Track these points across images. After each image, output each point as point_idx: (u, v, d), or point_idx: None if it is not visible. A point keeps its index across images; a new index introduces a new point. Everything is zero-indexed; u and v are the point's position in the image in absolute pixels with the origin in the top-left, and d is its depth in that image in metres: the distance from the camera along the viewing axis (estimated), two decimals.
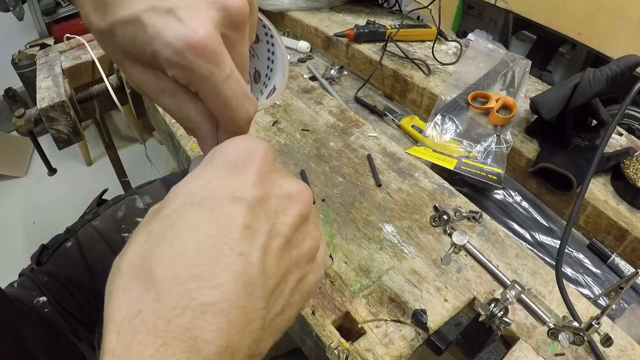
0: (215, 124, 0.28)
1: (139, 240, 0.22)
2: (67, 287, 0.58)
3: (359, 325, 0.45)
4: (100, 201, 0.71)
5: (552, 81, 1.36)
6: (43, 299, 0.56)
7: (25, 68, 1.93)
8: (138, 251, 0.21)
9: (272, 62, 0.34)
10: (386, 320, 0.46)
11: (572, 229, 0.65)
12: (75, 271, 0.60)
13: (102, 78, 0.95)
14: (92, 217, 0.66)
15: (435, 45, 0.96)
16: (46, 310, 0.55)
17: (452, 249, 0.43)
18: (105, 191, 0.76)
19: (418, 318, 0.46)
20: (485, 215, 0.59)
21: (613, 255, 0.62)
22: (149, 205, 0.70)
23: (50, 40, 1.97)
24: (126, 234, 0.66)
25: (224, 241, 0.21)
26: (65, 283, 0.58)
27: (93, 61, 0.97)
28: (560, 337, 0.38)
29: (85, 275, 0.60)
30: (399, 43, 0.95)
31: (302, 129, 0.73)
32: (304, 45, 1.08)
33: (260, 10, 1.40)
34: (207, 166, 0.24)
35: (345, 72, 1.02)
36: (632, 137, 0.76)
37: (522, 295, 0.41)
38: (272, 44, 0.34)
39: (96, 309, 0.58)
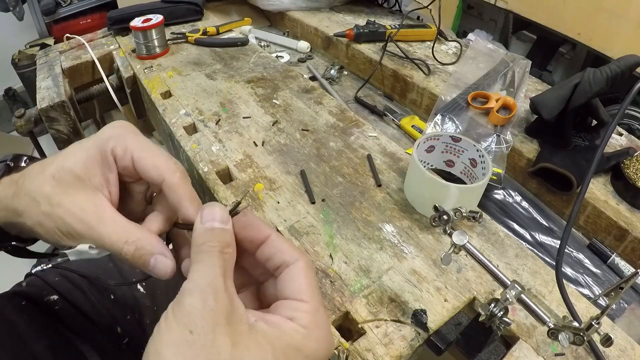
0: None
1: None
2: (79, 286, 0.58)
3: (359, 325, 0.45)
4: None
5: (552, 81, 1.36)
6: (54, 297, 0.56)
7: (25, 68, 1.93)
8: None
9: None
10: (386, 320, 0.46)
11: (572, 229, 0.65)
12: (87, 269, 0.60)
13: (102, 78, 0.95)
14: None
15: (435, 45, 0.96)
16: (56, 307, 0.55)
17: (452, 249, 0.43)
18: None
19: (418, 318, 0.46)
20: (485, 215, 0.59)
21: (613, 255, 0.62)
22: None
23: (50, 40, 1.97)
24: None
25: None
26: (77, 282, 0.58)
27: (93, 61, 0.97)
28: (560, 337, 0.38)
29: (97, 273, 0.60)
30: (399, 43, 0.95)
31: (302, 129, 0.73)
32: (304, 45, 1.08)
33: (261, 10, 1.38)
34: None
35: (345, 72, 1.02)
36: (632, 137, 0.76)
37: (522, 295, 0.40)
38: None
39: (108, 306, 0.59)
